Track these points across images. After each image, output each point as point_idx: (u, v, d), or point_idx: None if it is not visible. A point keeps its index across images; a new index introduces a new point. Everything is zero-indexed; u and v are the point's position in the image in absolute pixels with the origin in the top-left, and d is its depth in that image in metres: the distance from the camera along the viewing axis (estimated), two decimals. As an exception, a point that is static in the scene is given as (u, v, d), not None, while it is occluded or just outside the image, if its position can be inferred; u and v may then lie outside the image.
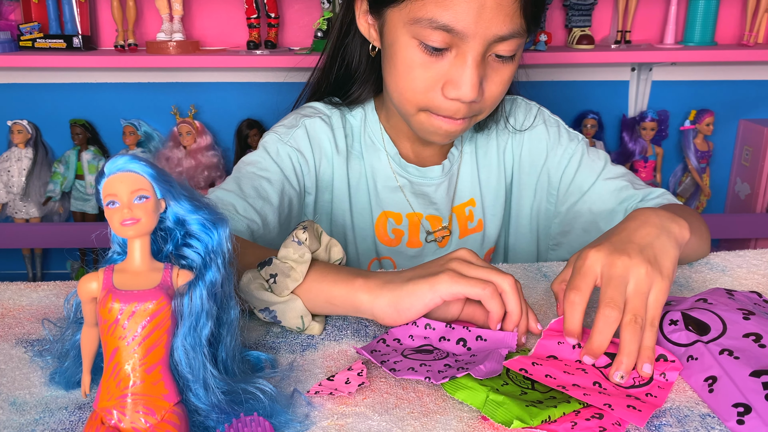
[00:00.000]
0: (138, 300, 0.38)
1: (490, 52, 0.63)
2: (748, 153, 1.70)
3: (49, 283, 0.63)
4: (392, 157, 0.77)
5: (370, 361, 0.48)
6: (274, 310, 0.52)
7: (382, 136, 0.77)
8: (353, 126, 0.77)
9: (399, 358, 0.48)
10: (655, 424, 0.42)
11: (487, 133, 0.80)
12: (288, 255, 0.51)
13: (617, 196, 0.75)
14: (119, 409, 0.38)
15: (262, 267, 0.52)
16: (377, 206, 0.77)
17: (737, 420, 0.41)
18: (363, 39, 0.72)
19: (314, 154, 0.74)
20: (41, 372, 0.48)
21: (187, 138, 1.59)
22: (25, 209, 1.63)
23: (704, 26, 1.55)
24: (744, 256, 0.70)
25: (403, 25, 0.63)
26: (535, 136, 0.80)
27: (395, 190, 0.77)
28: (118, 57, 1.48)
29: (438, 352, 0.49)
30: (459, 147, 0.80)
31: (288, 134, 0.74)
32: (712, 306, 0.52)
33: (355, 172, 0.77)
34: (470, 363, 0.46)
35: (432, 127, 0.67)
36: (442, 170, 0.78)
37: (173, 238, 0.42)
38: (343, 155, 0.76)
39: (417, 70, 0.63)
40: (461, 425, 0.42)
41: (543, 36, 1.50)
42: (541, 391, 0.45)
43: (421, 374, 0.44)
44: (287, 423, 0.41)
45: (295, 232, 0.51)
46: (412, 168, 0.77)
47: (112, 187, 0.39)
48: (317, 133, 0.75)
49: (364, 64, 0.74)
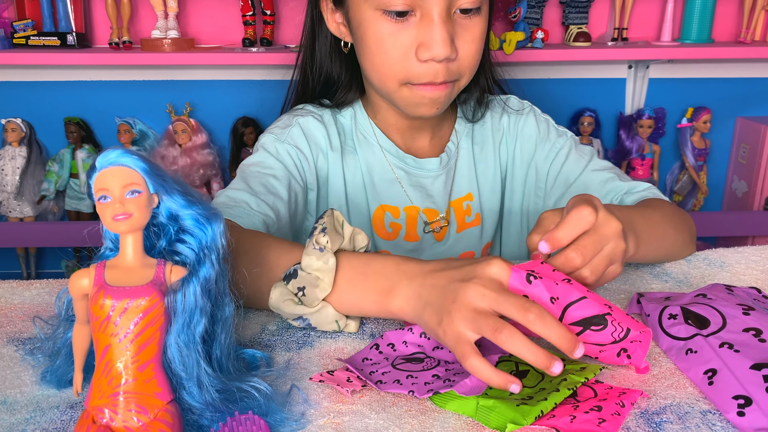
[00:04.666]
0: (130, 296, 0.37)
1: (454, 8, 0.64)
2: (745, 150, 1.70)
3: (41, 281, 0.62)
4: (388, 150, 0.78)
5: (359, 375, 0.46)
6: (308, 319, 0.51)
7: (374, 131, 0.78)
8: (344, 125, 0.79)
9: (387, 368, 0.47)
10: (655, 421, 0.42)
11: (483, 128, 0.81)
12: (311, 264, 0.49)
13: (603, 188, 0.75)
14: (111, 408, 0.37)
15: (288, 280, 0.50)
16: (374, 200, 0.78)
17: (737, 412, 0.41)
18: (331, 49, 0.75)
19: (311, 150, 0.75)
20: (32, 371, 0.48)
21: (182, 136, 1.58)
22: (19, 208, 1.62)
23: (701, 24, 1.55)
24: (742, 252, 0.69)
25: (364, 1, 0.65)
26: (526, 132, 0.81)
27: (393, 183, 0.78)
28: (113, 54, 1.47)
29: (429, 360, 0.48)
30: (455, 142, 0.80)
31: (284, 133, 0.75)
32: (712, 301, 0.52)
33: (350, 168, 0.77)
34: (459, 374, 0.45)
35: (416, 98, 0.67)
36: (440, 163, 0.78)
37: (166, 233, 0.42)
38: (338, 152, 0.76)
39: (388, 41, 0.65)
40: (459, 423, 0.42)
41: (540, 33, 1.49)
42: (530, 386, 0.44)
43: (405, 387, 0.43)
44: (283, 421, 0.41)
45: (316, 237, 0.50)
46: (409, 159, 0.78)
47: (103, 181, 0.38)
48: (312, 131, 0.76)
49: (338, 69, 0.76)
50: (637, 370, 0.47)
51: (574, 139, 0.81)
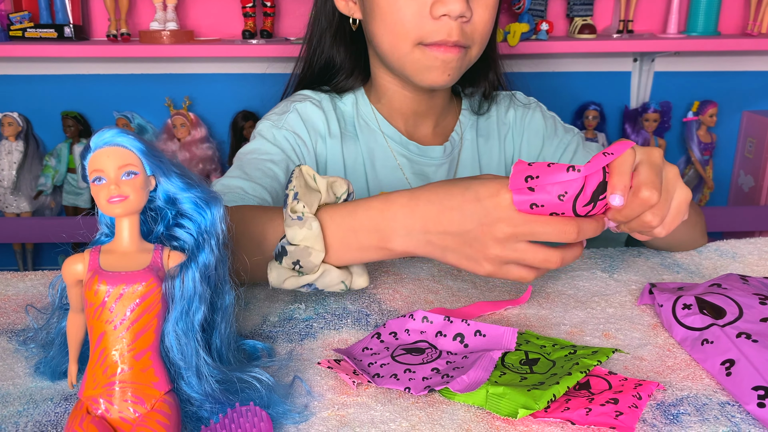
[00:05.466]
0: (126, 282, 0.36)
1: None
2: (752, 145, 1.68)
3: (36, 273, 0.61)
4: (390, 136, 0.77)
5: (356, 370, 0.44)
6: (314, 284, 0.50)
7: (376, 117, 0.77)
8: (344, 111, 0.78)
9: (387, 359, 0.45)
10: (672, 413, 0.40)
11: (488, 121, 0.81)
12: (296, 235, 0.48)
13: None
14: (106, 398, 0.35)
15: (280, 259, 0.49)
16: (376, 187, 0.77)
17: (758, 403, 0.40)
18: (336, 34, 0.75)
19: (310, 135, 0.74)
20: (26, 362, 0.46)
21: (181, 130, 1.56)
22: (16, 203, 1.60)
23: (707, 16, 1.53)
24: (755, 243, 0.68)
25: None
26: (533, 127, 0.81)
27: (395, 170, 0.77)
28: (111, 47, 1.46)
29: (430, 351, 0.46)
30: (459, 133, 0.80)
31: (281, 119, 0.74)
32: (727, 291, 0.51)
33: (350, 154, 0.76)
34: (459, 368, 0.43)
35: (428, 60, 0.67)
36: (444, 152, 0.78)
37: (164, 218, 0.40)
38: (337, 138, 0.76)
39: (401, 1, 0.65)
40: (468, 415, 0.40)
41: (544, 25, 1.48)
42: (541, 372, 0.43)
43: (402, 384, 0.42)
44: (285, 414, 0.39)
45: (291, 207, 0.48)
46: (413, 146, 0.77)
47: (98, 162, 0.37)
48: (310, 116, 0.75)
49: (343, 56, 0.76)
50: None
51: (581, 136, 0.81)
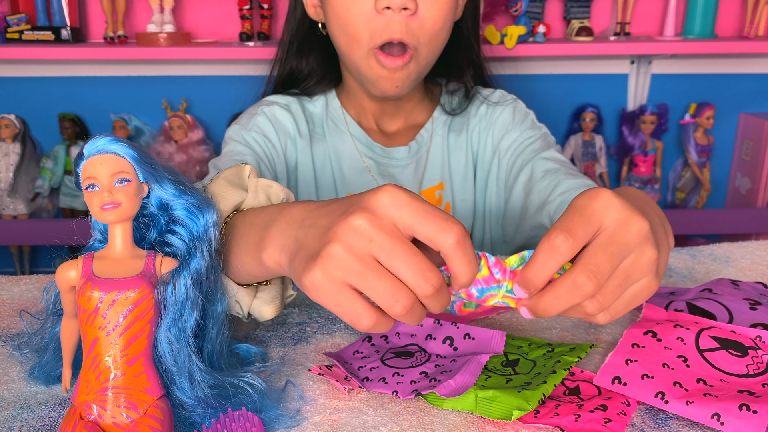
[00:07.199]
0: (119, 288, 0.36)
1: None
2: (749, 147, 1.69)
3: (31, 277, 0.61)
4: (358, 138, 0.78)
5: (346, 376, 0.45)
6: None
7: (345, 118, 0.78)
8: (313, 113, 0.79)
9: (376, 363, 0.46)
10: (661, 417, 0.40)
11: (462, 117, 0.80)
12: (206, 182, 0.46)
13: (543, 179, 0.69)
14: (99, 404, 0.36)
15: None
16: (343, 189, 0.77)
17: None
18: (303, 43, 0.77)
19: (279, 137, 0.75)
20: (20, 367, 0.46)
21: (178, 132, 1.56)
22: (13, 206, 1.60)
23: (704, 18, 1.53)
24: (747, 247, 0.69)
25: None
26: (500, 121, 0.78)
27: (362, 172, 0.77)
28: (108, 49, 1.46)
29: (419, 355, 0.47)
30: (430, 130, 0.79)
31: (249, 122, 0.75)
32: (718, 296, 0.51)
33: (319, 155, 0.77)
34: (446, 372, 0.43)
35: (379, 68, 0.68)
36: (408, 152, 0.78)
37: (156, 224, 0.40)
38: (306, 139, 0.77)
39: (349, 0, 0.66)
40: (459, 419, 0.40)
41: (541, 28, 1.48)
42: (524, 372, 0.43)
43: (390, 387, 0.42)
44: (278, 418, 0.39)
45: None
46: (377, 147, 0.78)
47: (91, 169, 0.37)
48: (278, 118, 0.76)
49: (313, 63, 0.78)
50: None
51: (547, 137, 0.76)
